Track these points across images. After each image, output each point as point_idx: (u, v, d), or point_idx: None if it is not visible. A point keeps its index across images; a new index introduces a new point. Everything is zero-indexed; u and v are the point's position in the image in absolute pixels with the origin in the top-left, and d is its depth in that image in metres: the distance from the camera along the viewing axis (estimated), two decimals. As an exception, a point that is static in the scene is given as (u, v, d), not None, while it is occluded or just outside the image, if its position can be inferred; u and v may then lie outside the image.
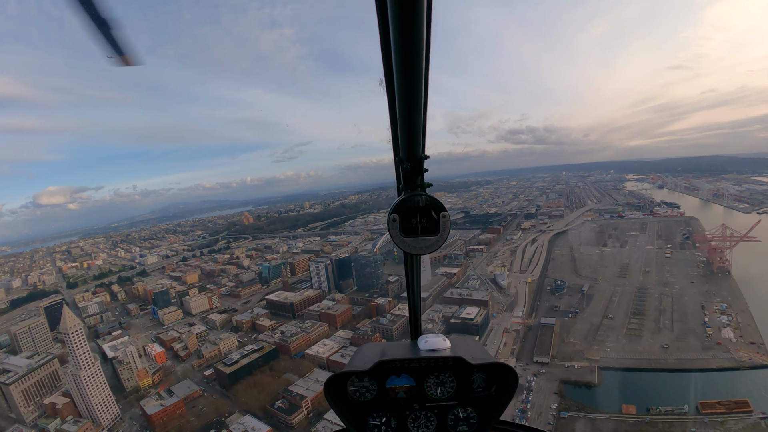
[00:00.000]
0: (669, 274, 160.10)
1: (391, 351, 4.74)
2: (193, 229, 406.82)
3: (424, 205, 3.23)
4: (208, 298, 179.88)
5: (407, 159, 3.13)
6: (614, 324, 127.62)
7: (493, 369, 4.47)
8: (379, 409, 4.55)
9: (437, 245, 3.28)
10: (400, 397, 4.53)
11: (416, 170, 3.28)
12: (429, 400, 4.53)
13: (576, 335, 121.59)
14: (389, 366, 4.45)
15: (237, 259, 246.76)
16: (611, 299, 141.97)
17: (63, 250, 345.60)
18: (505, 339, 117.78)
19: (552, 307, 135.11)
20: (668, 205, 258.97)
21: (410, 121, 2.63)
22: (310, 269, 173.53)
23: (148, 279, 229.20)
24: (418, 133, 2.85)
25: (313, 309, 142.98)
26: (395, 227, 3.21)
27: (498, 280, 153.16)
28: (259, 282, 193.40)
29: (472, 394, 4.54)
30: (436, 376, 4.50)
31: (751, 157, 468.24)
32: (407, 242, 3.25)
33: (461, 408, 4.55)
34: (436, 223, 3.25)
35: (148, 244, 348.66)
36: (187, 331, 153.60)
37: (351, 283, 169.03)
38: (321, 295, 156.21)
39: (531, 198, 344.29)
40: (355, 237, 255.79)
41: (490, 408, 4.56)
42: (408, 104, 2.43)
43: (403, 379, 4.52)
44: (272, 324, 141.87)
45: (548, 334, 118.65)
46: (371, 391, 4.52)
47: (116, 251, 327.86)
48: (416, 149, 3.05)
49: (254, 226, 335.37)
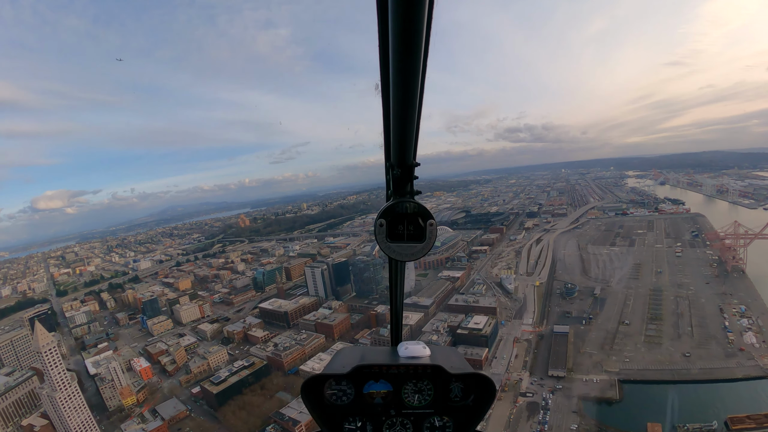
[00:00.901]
0: (682, 274, 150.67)
1: (370, 356, 4.57)
2: (190, 232, 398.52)
3: (411, 212, 3.21)
4: (199, 307, 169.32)
5: (398, 165, 3.15)
6: (631, 331, 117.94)
7: (471, 379, 4.38)
8: (356, 414, 4.46)
9: (422, 253, 3.24)
10: (377, 403, 4.45)
11: (406, 177, 3.27)
12: (406, 407, 4.47)
13: (592, 344, 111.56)
14: (367, 371, 4.37)
15: (232, 263, 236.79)
16: (625, 303, 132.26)
17: (58, 255, 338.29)
18: (516, 350, 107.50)
19: (564, 313, 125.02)
20: (672, 202, 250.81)
21: (403, 128, 2.65)
22: (305, 275, 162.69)
23: (139, 286, 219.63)
24: (411, 141, 2.88)
25: (309, 318, 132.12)
26: (382, 232, 3.21)
27: (504, 283, 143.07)
28: (253, 288, 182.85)
29: (449, 403, 4.46)
30: (414, 384, 4.44)
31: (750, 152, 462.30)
32: (393, 248, 3.23)
33: (438, 416, 4.47)
34: (423, 231, 3.20)
35: (143, 248, 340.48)
36: (176, 343, 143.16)
37: (349, 288, 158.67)
38: (317, 303, 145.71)
39: (532, 196, 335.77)
40: (354, 239, 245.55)
41: (467, 418, 4.48)
42: (402, 112, 2.46)
43: (381, 385, 4.44)
44: (265, 335, 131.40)
45: (562, 343, 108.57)
46: (348, 395, 4.44)
47: (111, 256, 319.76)
48: (407, 156, 3.06)
49: (251, 228, 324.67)
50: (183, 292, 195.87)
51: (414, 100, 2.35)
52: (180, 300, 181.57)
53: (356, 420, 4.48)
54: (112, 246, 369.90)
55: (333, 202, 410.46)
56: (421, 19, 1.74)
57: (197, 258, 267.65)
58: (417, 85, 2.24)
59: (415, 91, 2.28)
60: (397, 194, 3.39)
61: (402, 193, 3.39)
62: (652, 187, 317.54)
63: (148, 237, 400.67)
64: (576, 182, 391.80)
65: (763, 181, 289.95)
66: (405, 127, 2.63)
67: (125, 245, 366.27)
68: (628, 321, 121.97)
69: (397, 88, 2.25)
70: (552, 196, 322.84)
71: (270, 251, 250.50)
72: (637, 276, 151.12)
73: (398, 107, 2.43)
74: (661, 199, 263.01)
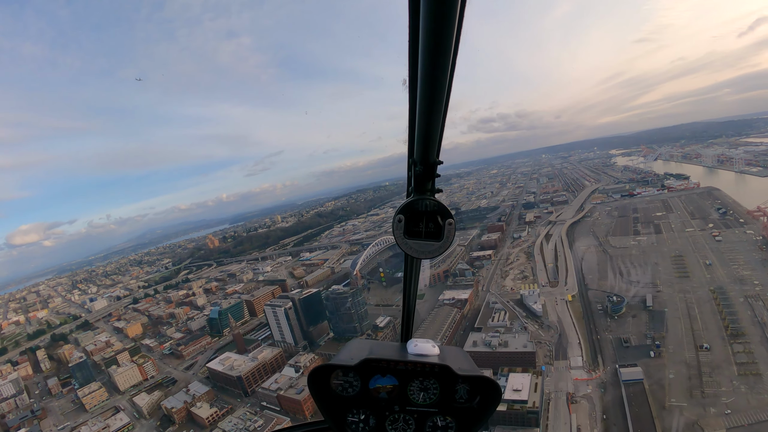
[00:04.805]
0: (735, 264, 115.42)
1: (379, 350, 4.35)
2: (161, 257, 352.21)
3: (431, 209, 3.09)
4: (140, 368, 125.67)
5: (421, 162, 3.02)
6: (716, 359, 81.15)
7: (477, 382, 4.17)
8: (360, 407, 4.29)
9: (440, 251, 3.14)
10: (382, 397, 4.26)
11: (428, 174, 3.15)
12: (410, 404, 4.26)
13: (677, 391, 73.69)
14: (375, 365, 4.17)
15: (193, 295, 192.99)
16: (689, 314, 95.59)
17: (23, 296, 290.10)
18: (577, 419, 67.91)
19: (620, 342, 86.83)
20: (676, 177, 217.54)
21: (428, 125, 2.56)
22: (266, 316, 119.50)
23: (84, 336, 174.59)
24: (435, 138, 2.77)
25: (270, 388, 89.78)
26: (400, 228, 3.08)
27: (528, 302, 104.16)
28: (209, 332, 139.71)
29: (454, 403, 4.23)
30: (420, 381, 4.23)
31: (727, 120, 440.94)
32: (410, 245, 3.12)
33: (441, 416, 4.26)
34: (441, 229, 3.09)
35: (109, 280, 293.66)
36: (104, 428, 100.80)
37: (326, 326, 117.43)
38: (281, 357, 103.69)
39: (521, 185, 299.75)
40: (332, 252, 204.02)
41: (470, 420, 4.26)
42: (428, 108, 2.38)
43: (388, 380, 4.25)
44: (212, 414, 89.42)
45: (639, 397, 70.44)
46: (354, 388, 4.25)
47: (73, 293, 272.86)
48: (431, 154, 2.96)
49: (220, 249, 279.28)
50: (125, 347, 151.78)
51: (441, 96, 2.28)
52: (119, 358, 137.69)
53: (360, 413, 4.28)
54: (77, 281, 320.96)
55: (310, 210, 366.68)
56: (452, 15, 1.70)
57: (157, 291, 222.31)
58: (445, 82, 2.17)
59: (443, 88, 2.21)
60: (418, 191, 3.25)
61: (422, 190, 3.25)
62: (646, 164, 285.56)
63: (116, 267, 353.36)
64: (562, 166, 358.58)
65: (757, 147, 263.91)
66: (430, 124, 2.54)
67: (91, 279, 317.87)
68: (707, 344, 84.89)
69: (425, 85, 2.17)
70: (542, 183, 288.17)
71: (238, 276, 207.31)
72: (686, 272, 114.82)
73: (425, 104, 2.34)
74: (662, 175, 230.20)
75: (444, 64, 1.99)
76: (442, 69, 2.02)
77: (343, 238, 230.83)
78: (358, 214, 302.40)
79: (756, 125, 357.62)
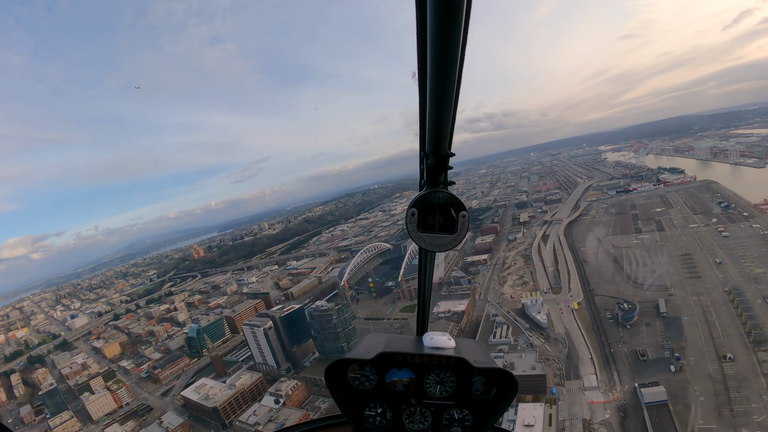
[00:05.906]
0: (746, 261, 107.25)
1: (395, 344, 4.36)
2: (146, 269, 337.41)
3: (444, 202, 3.01)
4: (113, 395, 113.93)
5: (432, 155, 2.98)
6: (741, 371, 72.28)
7: (494, 374, 4.17)
8: (377, 400, 4.30)
9: (453, 244, 3.08)
10: (399, 391, 4.27)
11: (440, 167, 3.11)
12: (427, 397, 4.27)
13: (704, 410, 64.49)
14: (391, 358, 4.19)
15: (175, 310, 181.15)
16: (707, 320, 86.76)
17: (6, 313, 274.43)
18: (597, 453, 58.40)
19: (637, 356, 77.52)
20: (670, 171, 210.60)
21: (439, 117, 2.50)
22: (246, 337, 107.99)
23: (60, 357, 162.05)
24: (446, 130, 2.72)
25: (247, 421, 78.80)
26: (413, 222, 3.00)
27: (531, 313, 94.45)
28: (187, 353, 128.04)
29: (470, 396, 4.24)
30: (436, 374, 4.23)
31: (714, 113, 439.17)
32: (423, 238, 3.04)
33: (457, 409, 4.27)
34: (455, 222, 3.02)
35: (93, 294, 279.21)
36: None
37: (311, 345, 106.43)
38: (262, 383, 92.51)
39: (511, 184, 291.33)
40: (320, 260, 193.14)
41: (487, 412, 4.26)
42: (439, 100, 2.33)
43: (404, 373, 4.26)
44: (184, 454, 78.46)
45: (665, 422, 61.06)
46: (371, 381, 4.26)
47: (56, 309, 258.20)
48: (443, 146, 2.91)
49: (205, 259, 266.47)
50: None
51: (451, 88, 2.24)
52: (93, 383, 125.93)
53: (377, 406, 4.29)
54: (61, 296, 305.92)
55: (297, 216, 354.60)
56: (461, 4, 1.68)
57: (138, 306, 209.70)
58: (455, 73, 2.12)
59: (452, 80, 2.16)
60: (430, 184, 3.19)
61: (435, 183, 3.19)
62: (638, 158, 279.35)
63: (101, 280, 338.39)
64: (552, 164, 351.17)
65: (749, 138, 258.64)
66: (441, 116, 2.49)
67: (75, 293, 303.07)
68: (731, 354, 76.01)
69: (435, 76, 2.11)
70: (533, 182, 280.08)
71: (222, 288, 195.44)
72: (696, 273, 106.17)
73: (435, 95, 2.28)
74: (656, 169, 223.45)
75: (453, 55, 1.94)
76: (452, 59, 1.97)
77: (331, 245, 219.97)
78: (346, 219, 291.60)
79: (744, 117, 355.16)
